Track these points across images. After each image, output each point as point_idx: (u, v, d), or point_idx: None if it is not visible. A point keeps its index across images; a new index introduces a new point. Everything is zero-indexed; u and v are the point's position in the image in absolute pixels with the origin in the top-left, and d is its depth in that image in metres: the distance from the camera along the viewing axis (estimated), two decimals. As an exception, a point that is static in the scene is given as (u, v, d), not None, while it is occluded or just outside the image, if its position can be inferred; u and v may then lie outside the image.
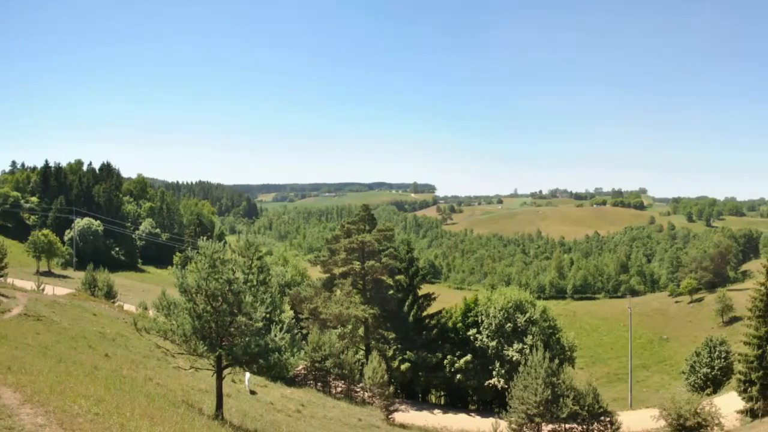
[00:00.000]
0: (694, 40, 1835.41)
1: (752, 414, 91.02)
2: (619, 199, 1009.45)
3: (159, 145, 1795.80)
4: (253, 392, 77.58)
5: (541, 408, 79.51)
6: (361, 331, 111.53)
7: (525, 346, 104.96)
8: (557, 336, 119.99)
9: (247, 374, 77.92)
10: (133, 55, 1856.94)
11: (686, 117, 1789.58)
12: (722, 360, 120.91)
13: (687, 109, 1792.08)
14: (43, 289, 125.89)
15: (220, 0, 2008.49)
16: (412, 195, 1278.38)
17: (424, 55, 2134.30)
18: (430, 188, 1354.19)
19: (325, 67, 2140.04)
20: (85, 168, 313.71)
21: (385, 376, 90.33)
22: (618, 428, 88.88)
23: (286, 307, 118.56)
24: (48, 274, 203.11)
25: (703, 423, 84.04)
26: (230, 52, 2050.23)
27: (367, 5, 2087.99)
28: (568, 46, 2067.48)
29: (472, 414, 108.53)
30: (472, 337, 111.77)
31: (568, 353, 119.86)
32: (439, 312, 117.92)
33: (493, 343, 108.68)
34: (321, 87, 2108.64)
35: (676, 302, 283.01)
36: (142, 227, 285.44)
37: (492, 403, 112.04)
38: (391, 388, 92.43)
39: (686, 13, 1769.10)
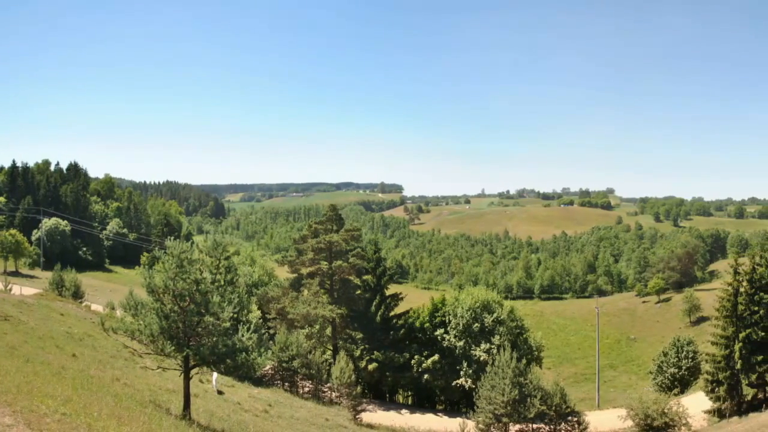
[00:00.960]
0: (660, 40, 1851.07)
1: (719, 414, 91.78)
2: (587, 199, 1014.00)
3: (127, 145, 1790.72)
4: (220, 392, 77.48)
5: (509, 408, 79.76)
6: (328, 331, 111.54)
7: (492, 346, 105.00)
8: (524, 336, 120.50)
9: (215, 374, 77.87)
10: (100, 55, 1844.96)
11: (653, 117, 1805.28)
12: (690, 360, 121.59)
13: (654, 109, 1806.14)
14: (10, 289, 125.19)
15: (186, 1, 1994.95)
16: (380, 195, 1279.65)
17: (392, 55, 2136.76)
18: (398, 188, 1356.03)
19: (292, 67, 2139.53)
20: (52, 168, 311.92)
21: (353, 376, 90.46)
22: (585, 428, 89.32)
23: (254, 307, 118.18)
24: (15, 274, 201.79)
25: (671, 423, 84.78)
26: (196, 52, 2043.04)
27: (333, 5, 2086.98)
28: (535, 46, 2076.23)
29: (440, 414, 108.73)
30: (439, 337, 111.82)
31: (536, 353, 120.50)
32: (407, 312, 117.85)
33: (461, 343, 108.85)
34: (288, 87, 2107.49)
35: (644, 302, 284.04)
36: (109, 227, 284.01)
37: (459, 403, 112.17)
38: (359, 388, 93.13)
39: (652, 13, 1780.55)
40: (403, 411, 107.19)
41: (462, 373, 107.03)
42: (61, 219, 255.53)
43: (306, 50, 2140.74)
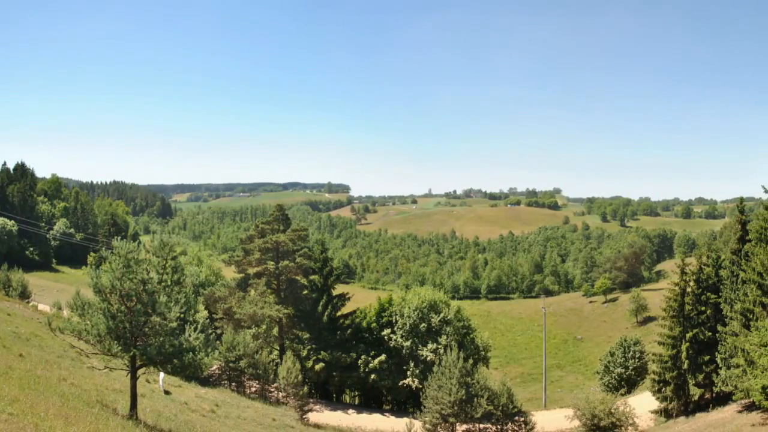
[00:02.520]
0: (604, 40, 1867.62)
1: (666, 414, 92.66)
2: (534, 199, 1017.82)
3: (74, 145, 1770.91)
4: (167, 392, 77.25)
5: (456, 408, 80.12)
6: (275, 331, 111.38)
7: (439, 346, 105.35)
8: (471, 336, 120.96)
9: (162, 374, 77.73)
10: (47, 54, 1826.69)
11: (600, 117, 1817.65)
12: (636, 360, 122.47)
13: (600, 109, 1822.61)
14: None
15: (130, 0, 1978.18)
16: (327, 195, 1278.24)
17: (338, 56, 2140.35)
18: (345, 188, 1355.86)
19: (238, 67, 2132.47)
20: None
21: (300, 376, 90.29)
22: (532, 428, 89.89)
23: (201, 307, 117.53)
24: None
25: (618, 423, 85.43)
26: (143, 51, 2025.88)
27: (279, 6, 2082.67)
28: (481, 46, 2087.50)
29: (387, 414, 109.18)
30: (386, 337, 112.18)
31: (483, 353, 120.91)
32: (354, 312, 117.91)
33: (408, 343, 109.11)
34: (234, 87, 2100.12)
35: (591, 302, 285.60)
36: (56, 227, 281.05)
37: (406, 403, 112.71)
38: (306, 388, 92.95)
39: (596, 13, 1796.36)
40: (350, 411, 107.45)
41: (409, 373, 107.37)
42: (7, 219, 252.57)
43: (252, 51, 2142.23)
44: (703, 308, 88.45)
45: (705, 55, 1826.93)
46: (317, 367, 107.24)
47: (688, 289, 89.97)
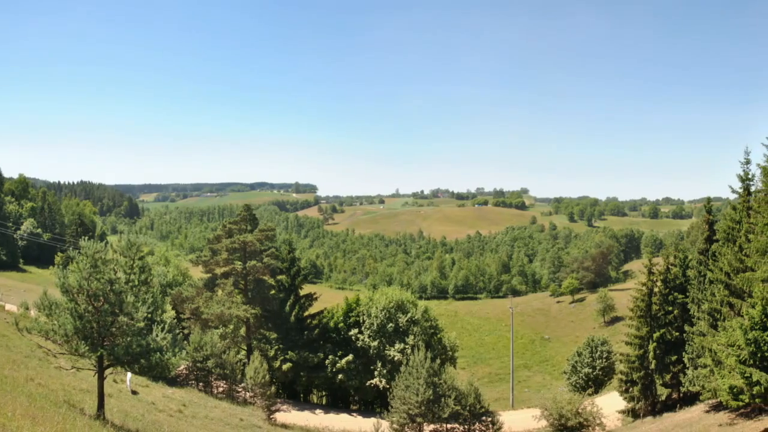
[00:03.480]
0: (572, 40, 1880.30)
1: (634, 414, 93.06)
2: (501, 199, 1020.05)
3: (41, 145, 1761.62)
4: (134, 392, 76.99)
5: (423, 408, 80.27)
6: (242, 331, 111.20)
7: (406, 346, 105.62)
8: (439, 336, 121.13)
9: (129, 374, 77.35)
10: (11, 54, 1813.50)
11: (567, 117, 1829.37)
12: (604, 360, 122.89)
13: (568, 109, 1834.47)
14: None
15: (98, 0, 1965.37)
16: (294, 195, 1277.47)
17: (306, 56, 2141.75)
18: (312, 188, 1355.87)
19: (205, 67, 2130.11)
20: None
21: (267, 376, 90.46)
22: (499, 428, 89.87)
23: (168, 307, 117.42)
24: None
25: (585, 423, 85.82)
26: (110, 51, 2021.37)
27: (246, 6, 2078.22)
28: (448, 46, 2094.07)
29: (354, 414, 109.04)
30: (353, 337, 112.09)
31: (450, 353, 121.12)
32: (321, 312, 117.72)
33: (375, 343, 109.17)
34: (201, 87, 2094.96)
35: (558, 302, 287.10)
36: (23, 227, 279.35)
37: (374, 403, 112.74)
38: (273, 388, 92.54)
39: (563, 13, 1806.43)
40: (318, 411, 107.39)
41: (376, 373, 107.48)
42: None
43: (220, 50, 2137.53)
44: (670, 308, 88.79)
45: (672, 55, 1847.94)
46: (284, 367, 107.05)
47: (656, 289, 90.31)
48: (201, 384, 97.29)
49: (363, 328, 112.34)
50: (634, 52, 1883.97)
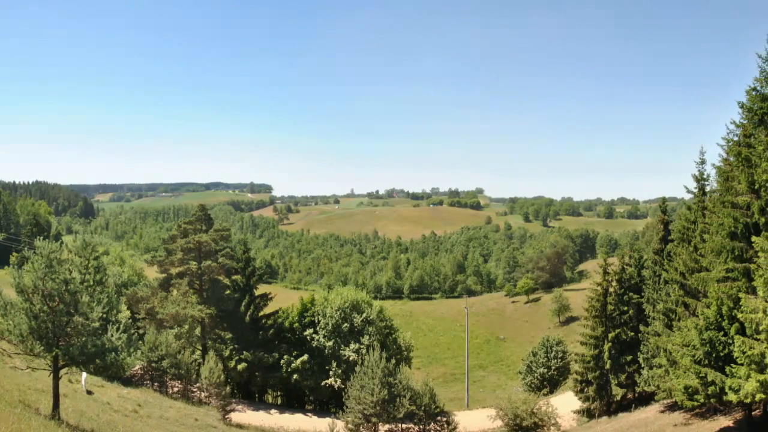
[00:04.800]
0: (527, 40, 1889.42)
1: (589, 414, 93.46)
2: (456, 199, 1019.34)
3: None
4: (89, 392, 76.70)
5: (378, 408, 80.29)
6: (197, 331, 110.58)
7: (362, 346, 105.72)
8: (394, 336, 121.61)
9: (84, 374, 76.85)
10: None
11: (522, 117, 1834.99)
12: (559, 360, 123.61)
13: (522, 109, 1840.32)
14: None
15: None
16: (249, 195, 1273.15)
17: (260, 55, 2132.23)
18: (267, 188, 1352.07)
19: (159, 67, 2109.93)
20: None
21: (222, 376, 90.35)
22: (454, 428, 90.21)
23: (123, 307, 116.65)
24: None
25: (540, 423, 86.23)
26: (62, 49, 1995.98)
27: (199, 4, 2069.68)
28: (402, 46, 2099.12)
29: (309, 414, 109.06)
30: (308, 337, 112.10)
31: (405, 353, 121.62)
32: (276, 312, 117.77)
33: (330, 343, 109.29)
34: (155, 86, 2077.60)
35: (513, 302, 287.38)
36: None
37: (329, 403, 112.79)
38: (228, 388, 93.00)
39: (518, 13, 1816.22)
40: (273, 411, 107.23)
41: (331, 373, 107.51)
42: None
43: (173, 49, 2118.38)
44: (625, 308, 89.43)
45: (627, 55, 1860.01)
46: (240, 367, 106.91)
47: (611, 289, 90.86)
48: (156, 384, 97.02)
49: (318, 328, 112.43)
50: (589, 52, 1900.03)
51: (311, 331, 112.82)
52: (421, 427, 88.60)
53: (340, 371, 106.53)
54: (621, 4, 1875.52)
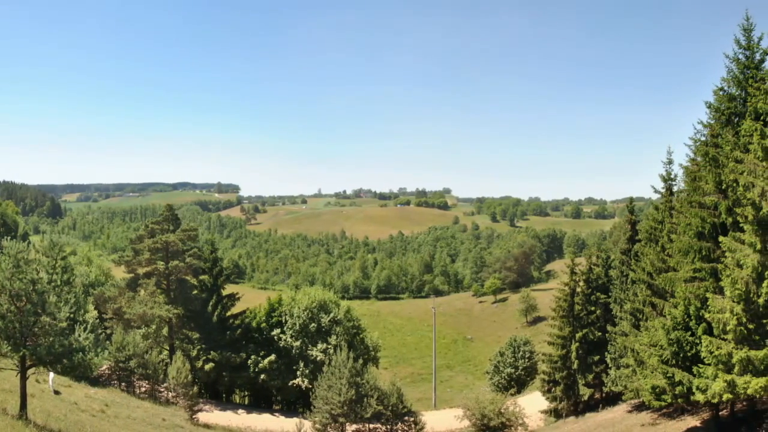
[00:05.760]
0: (495, 40, 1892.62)
1: (556, 414, 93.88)
2: (423, 199, 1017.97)
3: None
4: (57, 392, 76.40)
5: (345, 408, 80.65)
6: (165, 331, 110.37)
7: (329, 346, 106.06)
8: (361, 336, 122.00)
9: (51, 374, 76.47)
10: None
11: (489, 117, 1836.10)
12: (526, 360, 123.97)
13: (490, 109, 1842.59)
14: None
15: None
16: (216, 195, 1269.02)
17: (227, 55, 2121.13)
18: (234, 188, 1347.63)
19: (126, 66, 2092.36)
20: None
21: (189, 376, 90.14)
22: (422, 428, 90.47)
23: (90, 307, 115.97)
24: None
25: (507, 423, 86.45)
26: (27, 48, 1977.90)
27: (167, 4, 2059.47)
28: (372, 46, 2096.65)
29: (277, 414, 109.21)
30: (276, 337, 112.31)
31: (372, 353, 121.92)
32: (243, 312, 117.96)
33: (297, 343, 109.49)
34: (122, 86, 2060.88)
35: (480, 302, 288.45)
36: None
37: (296, 403, 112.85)
38: (195, 388, 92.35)
39: (486, 13, 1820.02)
40: (240, 411, 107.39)
41: (299, 373, 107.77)
42: None
43: (139, 49, 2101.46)
44: (592, 308, 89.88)
45: (595, 55, 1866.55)
46: (207, 367, 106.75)
47: (578, 289, 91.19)
48: (123, 384, 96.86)
49: (285, 328, 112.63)
50: (557, 52, 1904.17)
51: (278, 331, 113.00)
52: (388, 427, 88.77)
53: (307, 371, 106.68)
54: (588, 4, 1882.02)
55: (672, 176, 74.72)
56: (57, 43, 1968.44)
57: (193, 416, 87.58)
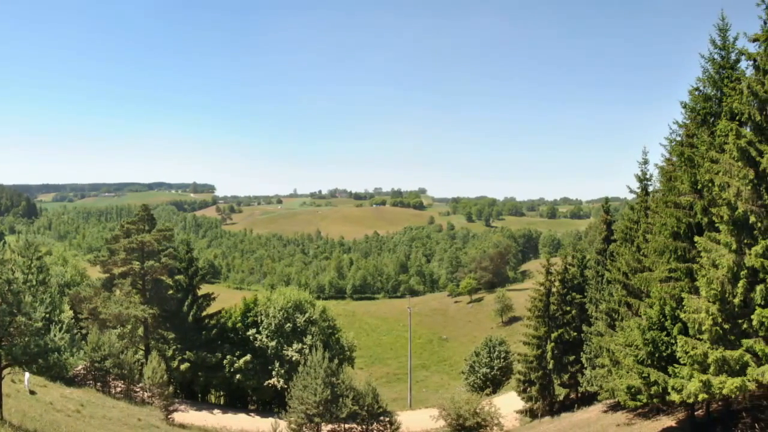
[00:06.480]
0: (470, 41, 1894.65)
1: (532, 414, 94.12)
2: (399, 199, 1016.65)
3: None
4: (32, 392, 76.18)
5: (321, 408, 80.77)
6: (140, 331, 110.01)
7: (304, 346, 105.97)
8: (337, 336, 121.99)
9: (27, 374, 76.67)
10: None
11: (465, 117, 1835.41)
12: (502, 360, 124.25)
13: (465, 109, 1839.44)
14: None
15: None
16: (192, 195, 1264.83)
17: (203, 55, 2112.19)
18: (210, 188, 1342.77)
19: (101, 66, 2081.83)
20: None
21: (165, 376, 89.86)
22: (397, 428, 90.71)
23: (66, 307, 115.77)
24: None
25: (483, 423, 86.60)
26: (4, 49, 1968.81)
27: (142, 4, 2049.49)
28: (348, 46, 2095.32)
29: (252, 414, 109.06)
30: (251, 337, 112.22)
31: (348, 353, 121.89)
32: (219, 312, 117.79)
33: (273, 343, 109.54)
34: (98, 86, 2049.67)
35: (456, 302, 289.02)
36: None
37: (272, 403, 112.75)
38: (171, 388, 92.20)
39: (462, 13, 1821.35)
40: (216, 411, 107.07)
41: (274, 373, 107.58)
42: None
43: (114, 50, 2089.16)
44: (568, 308, 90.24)
45: (570, 55, 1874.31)
46: (182, 367, 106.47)
47: (554, 289, 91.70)
48: (99, 384, 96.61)
49: (261, 328, 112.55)
50: (532, 52, 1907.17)
51: (254, 331, 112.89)
52: (363, 427, 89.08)
53: (283, 371, 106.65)
54: (564, 5, 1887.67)
55: (647, 176, 75.04)
56: (31, 42, 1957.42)
57: (169, 416, 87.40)
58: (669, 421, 60.60)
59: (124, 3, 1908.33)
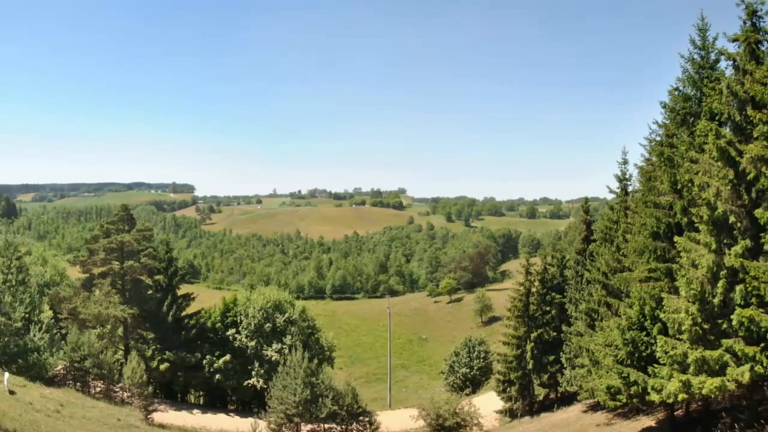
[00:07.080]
0: (451, 41, 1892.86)
1: (511, 414, 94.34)
2: (379, 199, 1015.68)
3: None
4: (11, 392, 75.76)
5: (300, 408, 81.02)
6: (120, 331, 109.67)
7: (284, 346, 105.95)
8: (316, 336, 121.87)
9: (6, 374, 76.28)
10: None
11: (444, 117, 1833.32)
12: (481, 360, 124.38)
13: (445, 109, 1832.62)
14: None
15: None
16: (171, 195, 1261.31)
17: (182, 54, 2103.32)
18: (190, 188, 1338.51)
19: (82, 66, 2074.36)
20: None
21: (144, 376, 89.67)
22: (377, 428, 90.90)
23: (45, 307, 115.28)
24: None
25: (462, 423, 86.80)
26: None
27: (125, 4, 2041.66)
28: (325, 46, 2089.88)
29: (232, 414, 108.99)
30: (231, 337, 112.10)
31: (327, 353, 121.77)
32: (199, 312, 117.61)
33: (252, 343, 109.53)
34: (77, 85, 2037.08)
35: (435, 302, 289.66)
36: None
37: (251, 403, 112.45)
38: (151, 388, 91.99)
39: (444, 13, 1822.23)
40: (195, 411, 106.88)
41: (254, 373, 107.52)
42: None
43: (93, 48, 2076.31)
44: (548, 308, 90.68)
45: (550, 55, 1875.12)
46: (162, 367, 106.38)
47: (533, 289, 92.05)
48: (78, 384, 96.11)
49: (240, 328, 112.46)
50: (511, 52, 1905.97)
51: (234, 331, 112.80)
52: (343, 427, 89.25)
53: (262, 371, 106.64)
54: (543, 4, 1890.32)
55: (627, 176, 75.40)
56: (8, 40, 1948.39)
57: (148, 416, 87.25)
58: (648, 421, 60.86)
59: (101, 3, 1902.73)
